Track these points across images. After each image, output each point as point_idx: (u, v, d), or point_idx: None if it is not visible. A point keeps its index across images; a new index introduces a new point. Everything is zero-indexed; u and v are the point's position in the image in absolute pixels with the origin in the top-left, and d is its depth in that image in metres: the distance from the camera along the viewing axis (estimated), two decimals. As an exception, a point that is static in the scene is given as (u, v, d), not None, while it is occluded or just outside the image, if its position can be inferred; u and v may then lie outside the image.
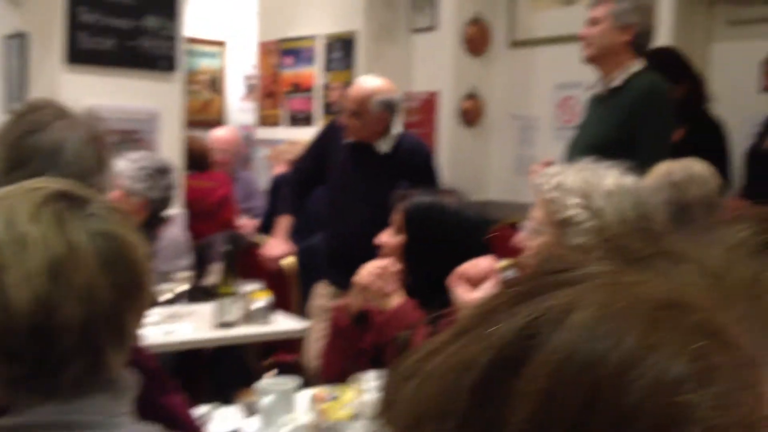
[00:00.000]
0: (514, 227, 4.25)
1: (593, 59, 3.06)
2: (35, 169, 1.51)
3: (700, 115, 3.53)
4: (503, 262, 3.48)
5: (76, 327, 0.92)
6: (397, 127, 3.56)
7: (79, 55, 3.94)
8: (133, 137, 3.98)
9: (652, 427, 0.29)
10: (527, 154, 4.68)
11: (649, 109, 2.94)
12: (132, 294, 0.98)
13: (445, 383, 0.34)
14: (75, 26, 3.90)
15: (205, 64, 7.43)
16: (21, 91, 4.27)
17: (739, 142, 3.58)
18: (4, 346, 0.92)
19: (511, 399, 0.32)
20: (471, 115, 4.90)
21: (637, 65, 3.01)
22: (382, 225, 2.26)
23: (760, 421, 0.28)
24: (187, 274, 3.23)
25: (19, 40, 4.25)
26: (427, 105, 4.99)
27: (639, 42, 3.03)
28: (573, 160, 3.07)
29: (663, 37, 3.90)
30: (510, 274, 3.20)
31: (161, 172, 3.22)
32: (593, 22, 3.04)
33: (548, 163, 3.18)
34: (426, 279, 2.10)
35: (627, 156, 2.78)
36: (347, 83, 5.19)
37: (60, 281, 0.92)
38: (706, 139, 3.46)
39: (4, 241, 0.93)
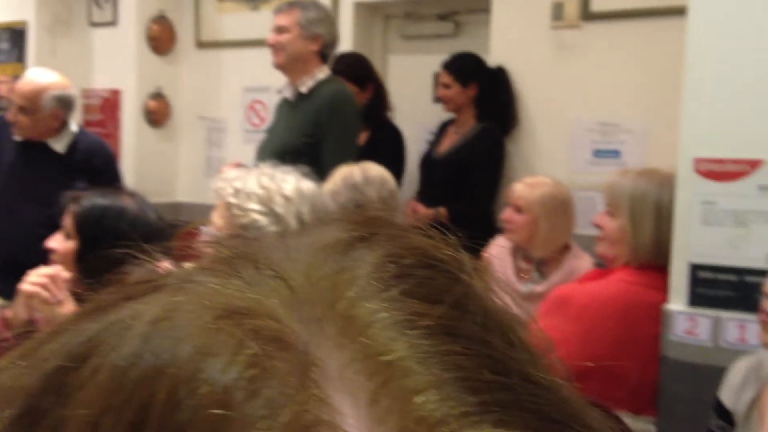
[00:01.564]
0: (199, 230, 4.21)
1: (282, 66, 3.14)
2: None
3: (381, 120, 3.73)
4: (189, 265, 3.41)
5: None
6: (74, 126, 3.34)
7: None
8: None
9: None
10: (216, 156, 4.64)
11: (335, 116, 3.06)
12: None
13: None
14: None
15: None
16: None
17: (414, 149, 3.84)
18: None
19: (59, 429, 0.28)
20: (157, 115, 4.74)
21: (323, 73, 3.13)
22: (56, 229, 2.09)
23: (315, 423, 0.27)
24: None
25: None
26: (109, 104, 4.74)
27: (325, 51, 3.16)
28: (263, 163, 3.12)
29: (344, 47, 4.07)
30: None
31: None
32: (280, 30, 3.12)
33: (238, 166, 3.18)
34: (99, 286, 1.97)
35: (314, 160, 2.89)
36: (16, 77, 4.77)
37: None
38: (385, 143, 3.67)
39: None
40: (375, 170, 2.48)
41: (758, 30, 2.23)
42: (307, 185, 1.75)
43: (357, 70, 3.68)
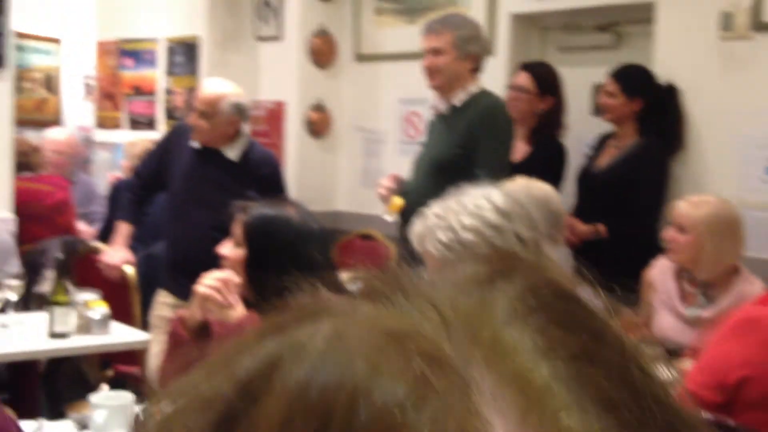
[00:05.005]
0: (361, 238, 4.32)
1: (438, 88, 3.15)
2: None
3: (550, 135, 3.68)
4: (347, 274, 3.48)
5: None
6: (247, 135, 3.51)
7: None
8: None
9: None
10: (373, 166, 4.75)
11: (488, 128, 3.07)
12: None
13: (187, 422, 0.35)
14: None
15: (39, 61, 7.04)
16: None
17: (572, 163, 3.78)
18: None
19: None
20: (318, 126, 4.92)
21: (476, 86, 3.14)
22: (226, 234, 2.21)
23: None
24: (17, 281, 3.05)
25: None
26: (274, 115, 4.96)
27: (478, 66, 3.16)
28: (418, 176, 3.18)
29: (500, 60, 4.08)
30: (355, 286, 3.25)
31: None
32: (434, 51, 3.11)
33: (394, 179, 3.25)
34: (267, 293, 2.08)
35: (468, 172, 2.91)
36: (191, 88, 5.08)
37: None
38: (548, 158, 3.61)
39: None
40: (540, 188, 2.44)
41: None
42: (499, 202, 1.64)
43: (544, 75, 3.67)
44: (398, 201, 3.14)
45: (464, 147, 3.05)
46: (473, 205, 1.62)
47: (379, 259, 4.08)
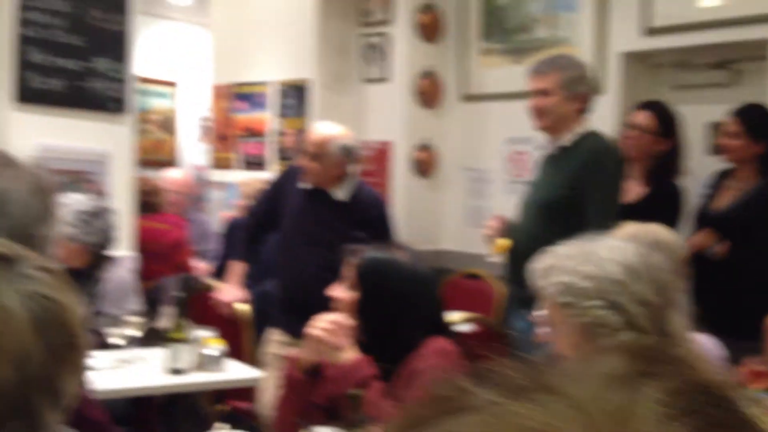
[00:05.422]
0: (467, 278, 4.31)
1: (546, 129, 3.13)
2: None
3: (667, 177, 3.58)
4: (458, 315, 3.49)
5: (10, 390, 0.91)
6: (355, 176, 3.58)
7: (28, 95, 3.90)
8: (82, 178, 3.92)
9: None
10: (479, 205, 4.75)
11: (597, 169, 3.02)
12: (66, 356, 0.97)
13: None
14: (24, 66, 3.86)
15: (157, 104, 7.39)
16: (-31, 128, 4.19)
17: (688, 203, 3.66)
18: None
19: None
20: (424, 166, 4.96)
21: (584, 126, 3.10)
22: (336, 273, 2.25)
23: None
24: (138, 318, 3.19)
25: (-32, 77, 4.19)
26: (380, 155, 5.03)
27: (586, 106, 3.12)
28: (525, 217, 3.16)
29: (610, 98, 4.03)
30: (465, 327, 3.23)
31: (96, 215, 3.17)
32: (542, 93, 3.09)
33: (499, 220, 3.24)
34: (380, 336, 2.11)
35: (575, 215, 2.87)
36: (301, 130, 5.21)
37: None
38: (666, 201, 3.50)
39: None
40: (663, 234, 2.35)
41: None
42: (629, 259, 1.57)
43: (665, 115, 3.58)
44: (503, 242, 3.13)
45: (572, 188, 3.01)
46: (601, 255, 1.57)
47: (486, 300, 4.06)
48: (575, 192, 2.99)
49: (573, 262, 1.57)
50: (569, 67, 3.13)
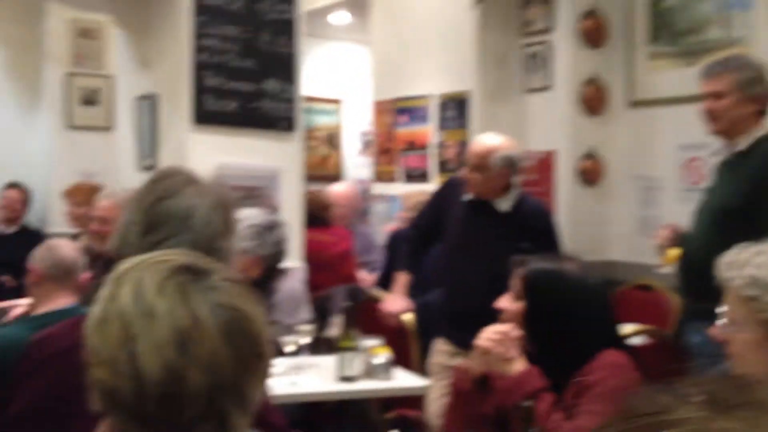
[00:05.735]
0: (638, 289, 4.16)
1: (720, 133, 3.00)
2: (167, 233, 1.59)
3: None
4: (630, 328, 3.37)
5: (203, 395, 0.96)
6: (518, 186, 3.54)
7: (205, 116, 4.15)
8: (256, 194, 4.11)
9: None
10: (650, 214, 4.58)
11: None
12: (253, 363, 1.02)
13: None
14: (201, 89, 4.11)
15: (322, 121, 7.66)
16: (152, 148, 4.51)
17: None
18: (139, 411, 0.97)
19: None
20: (590, 175, 4.84)
21: (762, 129, 2.95)
22: (501, 285, 2.23)
23: None
24: (309, 326, 3.31)
25: (150, 101, 4.51)
26: (544, 164, 4.95)
27: (764, 108, 2.98)
28: (699, 225, 3.02)
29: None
30: (638, 340, 3.12)
31: (269, 228, 3.30)
32: (716, 95, 2.98)
33: (671, 229, 3.11)
34: (548, 347, 2.07)
35: (754, 223, 2.71)
36: (462, 142, 5.24)
37: (186, 352, 0.96)
38: None
39: (134, 312, 0.98)
40: None
41: None
42: None
43: None
44: (674, 252, 3.02)
45: (749, 195, 2.87)
46: None
47: (659, 312, 3.90)
48: (753, 199, 2.86)
49: (764, 257, 1.50)
50: (744, 68, 2.99)
